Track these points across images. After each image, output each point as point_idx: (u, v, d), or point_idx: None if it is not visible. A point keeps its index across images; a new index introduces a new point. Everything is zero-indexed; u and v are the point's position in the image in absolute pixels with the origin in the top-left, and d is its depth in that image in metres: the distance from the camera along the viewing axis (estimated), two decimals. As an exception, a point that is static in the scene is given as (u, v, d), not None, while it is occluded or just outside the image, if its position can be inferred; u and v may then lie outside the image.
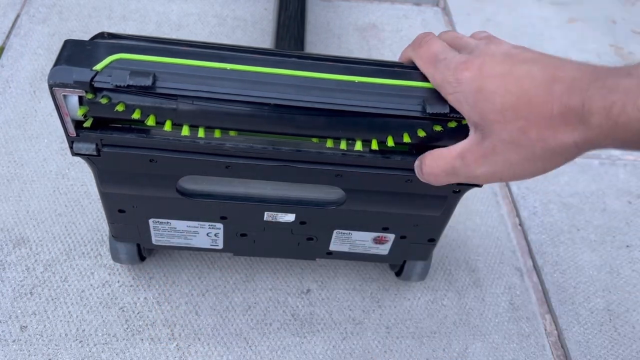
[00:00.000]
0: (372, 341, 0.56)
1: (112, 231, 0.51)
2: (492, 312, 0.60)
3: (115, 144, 0.40)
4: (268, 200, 0.47)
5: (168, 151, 0.40)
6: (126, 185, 0.44)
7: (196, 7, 0.89)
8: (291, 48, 0.68)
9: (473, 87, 0.32)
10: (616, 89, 0.27)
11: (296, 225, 0.49)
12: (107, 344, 0.53)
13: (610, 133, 0.27)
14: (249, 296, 0.58)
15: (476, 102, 0.32)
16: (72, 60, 0.35)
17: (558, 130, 0.29)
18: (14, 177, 0.64)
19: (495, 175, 0.33)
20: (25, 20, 0.82)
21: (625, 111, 0.26)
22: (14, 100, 0.72)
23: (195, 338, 0.54)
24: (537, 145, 0.30)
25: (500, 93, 0.31)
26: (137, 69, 0.35)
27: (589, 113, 0.28)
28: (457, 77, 0.33)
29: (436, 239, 0.52)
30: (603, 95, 0.27)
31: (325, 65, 0.38)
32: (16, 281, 0.56)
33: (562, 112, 0.29)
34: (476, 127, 0.33)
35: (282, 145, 0.40)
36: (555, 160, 0.31)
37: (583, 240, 0.68)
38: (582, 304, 0.62)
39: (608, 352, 0.58)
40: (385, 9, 0.95)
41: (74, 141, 0.39)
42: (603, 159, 0.77)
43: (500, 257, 0.65)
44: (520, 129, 0.30)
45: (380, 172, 0.42)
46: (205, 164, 0.41)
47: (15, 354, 0.51)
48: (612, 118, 0.27)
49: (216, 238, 0.51)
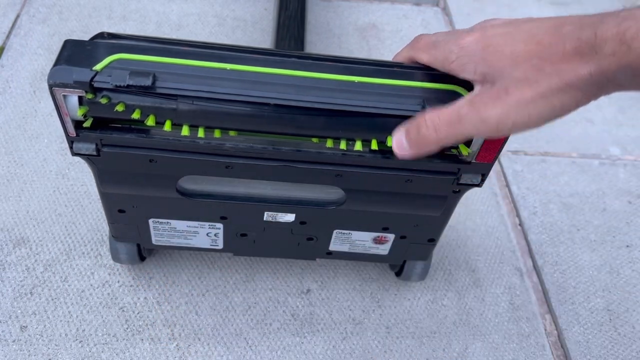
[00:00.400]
0: (372, 341, 0.56)
1: (112, 231, 0.51)
2: (492, 312, 0.60)
3: (115, 144, 0.40)
4: (268, 200, 0.47)
5: (168, 151, 0.40)
6: (126, 185, 0.44)
7: (196, 7, 0.89)
8: (291, 48, 0.68)
9: (479, 47, 0.32)
10: (630, 16, 0.27)
11: (296, 225, 0.49)
12: (107, 344, 0.53)
13: (624, 60, 0.27)
14: (249, 296, 0.58)
15: (484, 56, 0.32)
16: (72, 60, 0.35)
17: (572, 62, 0.29)
18: (14, 177, 0.64)
19: (507, 118, 0.31)
20: (25, 20, 0.82)
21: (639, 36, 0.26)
22: (14, 100, 0.72)
23: (195, 338, 0.54)
24: (552, 80, 0.29)
25: (509, 43, 0.31)
26: (137, 69, 0.35)
27: (603, 41, 0.27)
28: (459, 43, 0.33)
29: (436, 239, 0.52)
30: (617, 22, 0.27)
31: (325, 65, 0.38)
32: (16, 281, 0.56)
33: (575, 47, 0.28)
34: (484, 77, 0.32)
35: (282, 145, 0.40)
36: (573, 94, 0.29)
37: (583, 240, 0.68)
38: (582, 304, 0.62)
39: (608, 352, 0.58)
40: (385, 9, 0.95)
41: (73, 141, 0.39)
42: (603, 159, 0.77)
43: (500, 257, 0.65)
44: (534, 66, 0.30)
45: (380, 172, 0.42)
46: (205, 164, 0.41)
47: (15, 354, 0.51)
48: (626, 42, 0.26)
49: (216, 238, 0.51)
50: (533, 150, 0.77)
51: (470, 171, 0.42)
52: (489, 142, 0.39)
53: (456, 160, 0.41)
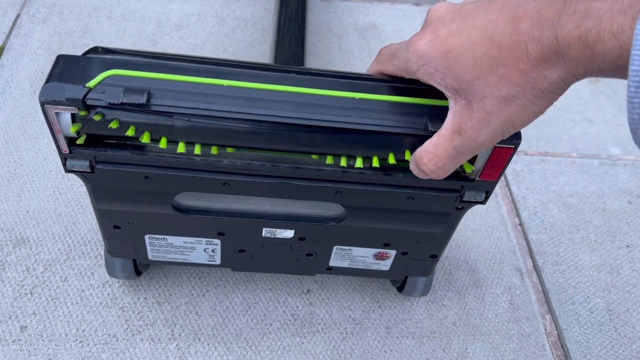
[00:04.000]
0: (372, 341, 0.56)
1: (108, 247, 0.50)
2: (492, 312, 0.60)
3: (110, 161, 0.39)
4: (266, 216, 0.46)
5: (164, 168, 0.39)
6: (121, 202, 0.43)
7: (196, 7, 0.89)
8: (291, 48, 0.68)
9: (437, 53, 0.31)
10: (589, 14, 0.25)
11: (295, 241, 0.48)
12: (107, 344, 0.53)
13: (589, 63, 0.26)
14: (249, 296, 0.58)
15: (447, 66, 0.30)
16: (65, 76, 0.34)
17: (540, 69, 0.28)
18: (14, 177, 0.64)
19: (497, 133, 0.31)
20: (25, 20, 0.82)
21: (602, 39, 0.24)
22: (14, 100, 0.72)
23: (195, 338, 0.54)
24: (527, 91, 0.29)
25: (467, 47, 0.29)
26: (131, 85, 0.34)
27: (566, 45, 0.26)
28: (414, 49, 0.32)
29: (438, 255, 0.51)
30: (576, 22, 0.25)
31: (325, 81, 0.37)
32: (16, 281, 0.56)
33: (538, 50, 0.27)
34: (456, 92, 0.31)
35: (281, 162, 0.39)
36: (549, 97, 0.29)
37: (583, 240, 0.68)
38: (582, 304, 0.62)
39: (608, 352, 0.58)
40: (385, 9, 0.95)
41: (67, 158, 0.38)
42: (603, 159, 0.77)
43: (500, 257, 0.65)
44: (503, 78, 0.29)
45: (381, 189, 0.41)
46: (202, 181, 0.40)
47: (15, 354, 0.51)
48: (589, 47, 0.25)
49: (213, 254, 0.50)
50: (533, 150, 0.77)
51: (474, 189, 0.41)
52: (493, 160, 0.38)
53: (460, 178, 0.40)
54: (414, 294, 0.57)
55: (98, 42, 0.80)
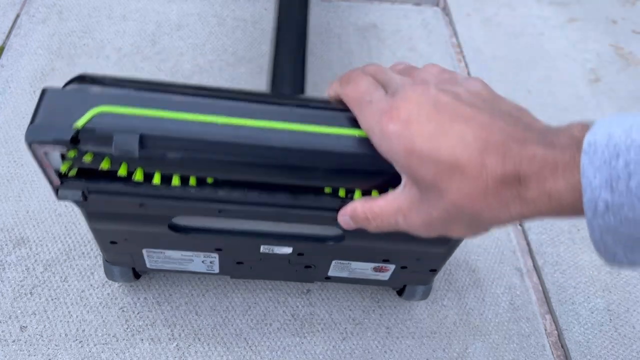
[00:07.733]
0: (372, 341, 0.56)
1: (106, 257, 0.50)
2: (492, 312, 0.60)
3: (103, 192, 0.37)
4: (264, 235, 0.45)
5: (158, 198, 0.38)
6: (116, 224, 0.42)
7: (196, 7, 0.89)
8: (292, 50, 0.68)
9: (402, 147, 0.30)
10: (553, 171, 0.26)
11: (294, 256, 0.48)
12: (107, 344, 0.53)
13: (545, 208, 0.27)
14: (249, 296, 0.58)
15: (409, 165, 0.30)
16: (51, 114, 0.33)
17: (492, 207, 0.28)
18: (14, 177, 0.64)
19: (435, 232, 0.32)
20: (25, 20, 0.82)
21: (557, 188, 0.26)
22: (14, 100, 0.72)
23: (195, 338, 0.54)
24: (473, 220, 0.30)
25: (433, 158, 0.29)
26: (122, 127, 0.33)
27: (525, 188, 0.27)
28: (382, 128, 0.31)
29: (438, 269, 0.51)
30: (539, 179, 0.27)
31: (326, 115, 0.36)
32: (16, 281, 0.56)
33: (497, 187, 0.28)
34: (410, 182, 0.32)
35: (277, 191, 0.38)
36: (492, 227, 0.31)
37: (583, 240, 0.67)
38: (582, 304, 0.62)
39: (608, 352, 0.58)
40: (385, 9, 0.95)
41: (58, 189, 0.37)
42: (603, 159, 0.77)
43: (500, 257, 0.65)
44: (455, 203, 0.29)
45: None
46: (198, 209, 0.39)
47: (15, 354, 0.51)
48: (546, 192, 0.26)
49: (212, 265, 0.50)
50: (533, 150, 0.77)
51: None
52: None
53: None
54: (415, 298, 0.57)
55: (98, 42, 0.80)
